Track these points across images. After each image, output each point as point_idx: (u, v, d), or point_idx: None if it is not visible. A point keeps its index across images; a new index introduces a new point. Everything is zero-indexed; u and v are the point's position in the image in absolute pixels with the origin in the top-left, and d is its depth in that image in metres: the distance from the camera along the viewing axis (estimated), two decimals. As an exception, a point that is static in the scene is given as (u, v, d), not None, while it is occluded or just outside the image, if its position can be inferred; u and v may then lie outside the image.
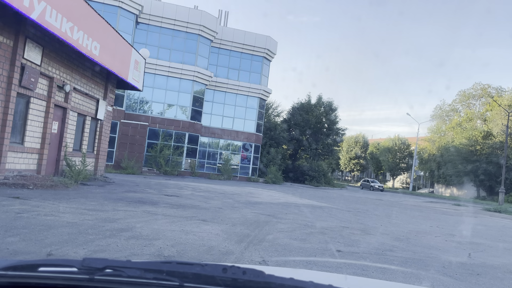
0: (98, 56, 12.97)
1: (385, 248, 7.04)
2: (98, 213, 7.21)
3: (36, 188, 9.98)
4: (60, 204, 7.76)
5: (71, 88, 13.42)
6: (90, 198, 9.27)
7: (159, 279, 1.04)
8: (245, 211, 10.40)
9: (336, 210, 14.03)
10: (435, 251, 7.36)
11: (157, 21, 29.83)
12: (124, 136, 28.27)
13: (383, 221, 11.75)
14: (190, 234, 6.21)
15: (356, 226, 9.77)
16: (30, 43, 11.01)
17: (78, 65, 13.93)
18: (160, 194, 12.52)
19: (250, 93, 34.26)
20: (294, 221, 9.44)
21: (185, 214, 8.35)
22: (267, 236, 6.86)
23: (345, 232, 8.47)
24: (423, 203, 26.83)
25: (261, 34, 34.31)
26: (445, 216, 17.20)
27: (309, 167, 39.01)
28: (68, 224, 5.86)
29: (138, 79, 17.30)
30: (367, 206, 18.43)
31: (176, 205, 9.80)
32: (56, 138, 13.14)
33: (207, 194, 14.45)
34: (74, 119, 14.13)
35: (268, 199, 15.47)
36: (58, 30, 10.48)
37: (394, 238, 8.42)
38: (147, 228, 6.27)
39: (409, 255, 6.68)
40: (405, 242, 8.01)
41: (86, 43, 12.10)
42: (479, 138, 45.64)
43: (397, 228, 10.44)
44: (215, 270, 1.08)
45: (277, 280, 1.04)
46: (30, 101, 11.44)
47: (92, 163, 16.09)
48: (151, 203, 9.64)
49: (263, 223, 8.53)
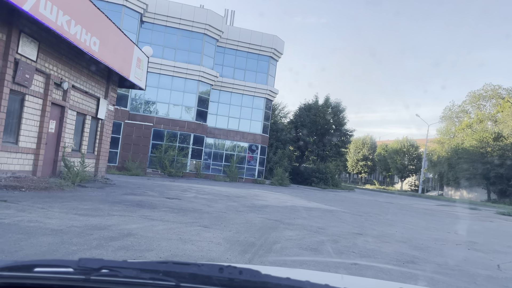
0: (97, 52, 12.40)
1: (405, 259, 6.35)
2: (90, 218, 6.59)
3: (29, 190, 9.41)
4: (49, 208, 7.16)
5: (70, 86, 12.86)
6: (84, 201, 8.66)
7: (155, 279, 1.03)
8: (250, 215, 9.74)
9: (346, 214, 13.33)
10: (459, 262, 6.66)
11: (162, 20, 29.30)
12: (128, 137, 27.72)
13: (397, 227, 11.04)
14: (188, 243, 5.56)
15: (370, 233, 9.08)
16: (25, 38, 10.46)
17: (77, 62, 13.37)
18: (161, 196, 11.90)
19: (257, 94, 33.60)
20: (303, 227, 8.77)
21: (185, 220, 7.71)
22: (274, 246, 6.20)
23: (359, 240, 7.79)
24: (434, 206, 25.99)
25: (268, 34, 33.66)
26: (461, 221, 16.43)
27: (316, 169, 38.22)
28: (52, 232, 5.24)
29: (140, 77, 16.72)
30: (377, 209, 17.70)
31: (176, 209, 9.16)
32: (54, 138, 12.58)
33: (211, 197, 13.82)
34: (73, 118, 13.57)
35: (275, 202, 14.80)
36: (53, 24, 9.92)
37: (412, 246, 7.72)
38: (141, 236, 5.63)
39: (433, 268, 5.99)
40: (425, 251, 7.31)
41: (84, 38, 11.53)
42: (490, 139, 44.63)
43: (413, 234, 9.72)
44: (212, 270, 1.07)
45: (274, 279, 1.04)
46: (25, 99, 10.88)
47: (93, 164, 15.52)
48: (150, 207, 9.01)
49: (269, 229, 7.87)
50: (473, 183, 46.24)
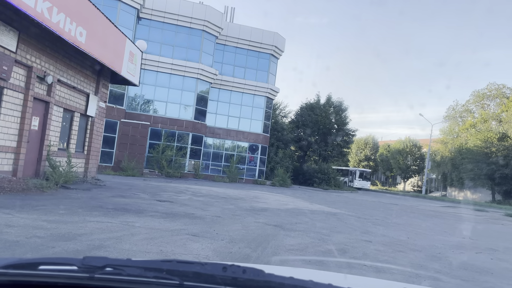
0: (84, 44, 11.50)
1: (425, 273, 5.46)
2: (60, 226, 5.71)
3: (4, 192, 8.54)
4: (17, 213, 6.28)
5: (55, 80, 11.99)
6: (62, 205, 7.78)
7: (159, 277, 1.01)
8: (247, 220, 8.85)
9: (351, 217, 12.44)
10: (487, 276, 5.77)
11: (159, 16, 28.42)
12: (124, 136, 26.83)
13: (408, 232, 10.14)
14: (169, 257, 4.69)
15: (380, 240, 8.18)
16: (2, 26, 9.60)
17: (64, 54, 12.50)
18: (152, 199, 11.01)
19: (257, 92, 32.69)
20: (306, 233, 7.89)
21: (173, 226, 6.83)
22: (272, 258, 5.32)
23: (369, 250, 6.90)
24: (440, 208, 25.07)
25: (268, 31, 32.74)
26: (471, 224, 15.52)
27: (318, 169, 37.28)
28: (5, 245, 4.37)
29: (133, 72, 15.84)
30: (383, 212, 16.80)
31: (165, 214, 8.27)
32: (37, 136, 11.71)
33: (207, 199, 12.93)
34: (59, 114, 12.69)
35: (275, 205, 13.92)
36: (32, 10, 9.04)
37: (429, 256, 6.83)
38: (114, 249, 4.74)
39: (459, 283, 5.11)
40: (445, 262, 6.42)
41: (69, 28, 10.64)
42: (495, 139, 43.69)
43: (426, 241, 8.83)
44: (215, 269, 1.06)
45: (277, 279, 1.03)
46: (3, 93, 10.00)
47: (82, 164, 14.65)
48: (136, 211, 8.13)
49: (268, 237, 6.99)
50: (477, 183, 45.35)
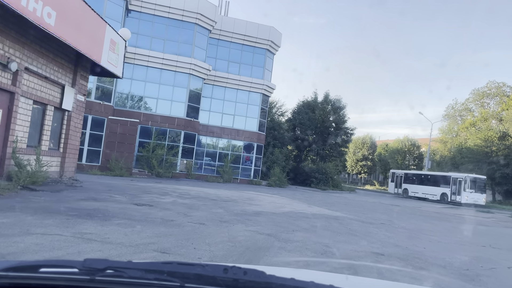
0: (53, 27, 10.12)
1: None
2: (-15, 241, 4.39)
3: None
4: None
5: (21, 68, 10.61)
6: (10, 212, 6.43)
7: (160, 279, 1.02)
8: (236, 228, 7.52)
9: (355, 222, 11.14)
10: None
11: (149, 8, 27.00)
12: (112, 134, 25.42)
13: (421, 240, 8.85)
14: None
15: (393, 252, 6.88)
16: (-48, 2, 8.24)
17: (33, 40, 11.11)
18: (129, 203, 9.66)
19: (252, 89, 31.35)
20: (304, 244, 6.58)
21: (140, 239, 5.49)
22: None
23: (382, 266, 5.60)
24: (443, 209, 23.87)
25: (264, 25, 31.40)
26: (484, 228, 14.28)
27: (315, 169, 35.99)
28: None
29: (115, 63, 14.47)
30: (386, 214, 15.53)
31: (137, 221, 6.94)
32: (0, 131, 10.34)
33: (193, 202, 11.59)
34: (27, 107, 11.31)
35: (270, 208, 12.61)
36: (-17, -19, 7.71)
37: (459, 275, 5.54)
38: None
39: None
40: (480, 284, 5.14)
41: (33, 7, 9.28)
42: (495, 138, 42.63)
43: (446, 252, 7.54)
44: (216, 270, 1.06)
45: (278, 280, 1.03)
46: (-46, 80, 8.66)
47: (58, 162, 13.29)
48: (102, 218, 6.78)
49: (259, 251, 5.68)
50: (477, 183, 44.28)
